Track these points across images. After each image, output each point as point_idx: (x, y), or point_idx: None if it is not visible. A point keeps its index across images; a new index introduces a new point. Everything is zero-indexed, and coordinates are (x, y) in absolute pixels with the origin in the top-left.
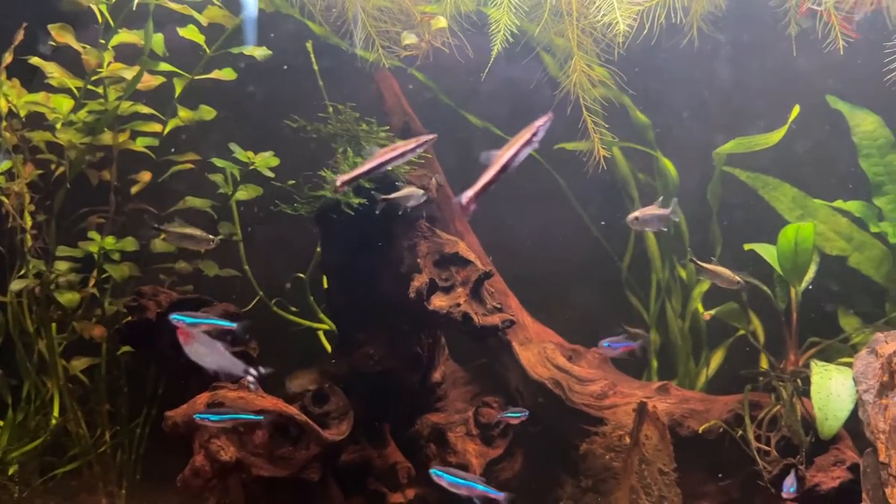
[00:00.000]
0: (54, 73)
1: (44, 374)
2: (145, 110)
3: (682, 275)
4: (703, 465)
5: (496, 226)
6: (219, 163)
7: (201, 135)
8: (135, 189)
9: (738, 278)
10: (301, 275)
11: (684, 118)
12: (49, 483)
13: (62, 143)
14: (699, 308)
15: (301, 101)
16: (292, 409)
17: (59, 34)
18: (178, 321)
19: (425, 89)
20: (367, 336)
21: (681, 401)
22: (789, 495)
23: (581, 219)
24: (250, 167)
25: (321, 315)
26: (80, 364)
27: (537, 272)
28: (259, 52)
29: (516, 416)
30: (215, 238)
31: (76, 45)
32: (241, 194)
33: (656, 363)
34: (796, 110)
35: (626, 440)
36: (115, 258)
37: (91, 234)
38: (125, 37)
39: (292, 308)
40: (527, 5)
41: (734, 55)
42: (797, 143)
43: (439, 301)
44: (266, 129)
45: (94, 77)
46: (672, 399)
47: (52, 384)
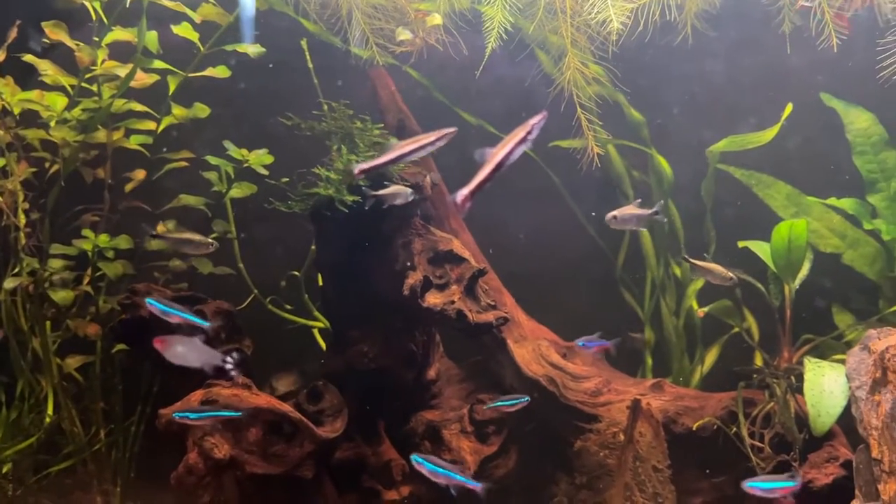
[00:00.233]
0: (48, 70)
1: (38, 372)
2: (139, 108)
3: (677, 272)
4: (698, 462)
5: (491, 223)
6: (213, 160)
7: (195, 132)
8: (129, 187)
9: (730, 275)
10: (296, 273)
11: (680, 115)
12: (43, 481)
13: (56, 141)
14: (694, 305)
15: (295, 99)
16: (286, 407)
17: (53, 32)
18: (152, 305)
19: (419, 87)
20: (361, 333)
21: (675, 398)
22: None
23: (576, 216)
24: (244, 165)
25: (316, 313)
26: (74, 362)
27: (532, 270)
28: (253, 50)
29: (512, 403)
30: (214, 242)
31: (70, 43)
32: (236, 192)
33: (651, 360)
34: (789, 108)
35: (621, 437)
36: (109, 256)
37: (85, 232)
38: (119, 34)
39: (287, 306)
40: (521, 3)
41: (729, 52)
42: (791, 140)
43: (433, 298)
44: (260, 126)
45: (88, 75)
46: (666, 396)
47: (46, 382)
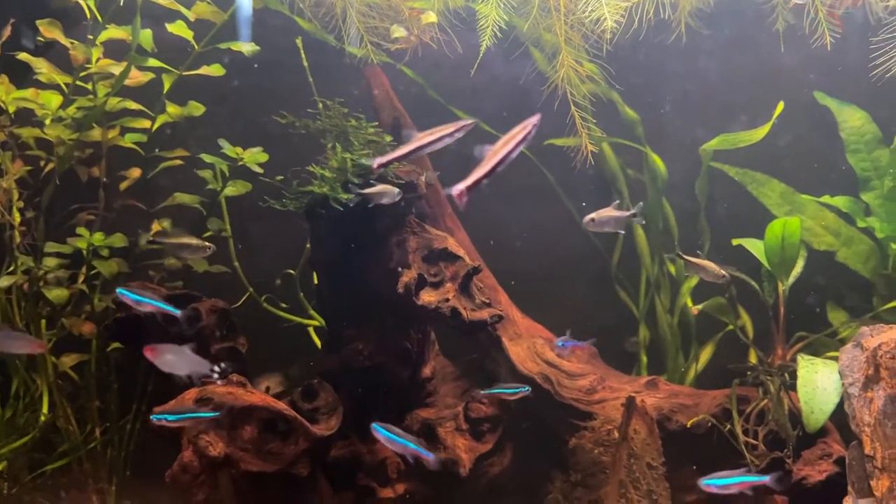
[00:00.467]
0: (43, 68)
1: (33, 371)
2: (134, 106)
3: (672, 270)
4: (692, 460)
5: (486, 222)
6: (208, 158)
7: (190, 131)
8: (124, 185)
9: (723, 272)
10: (291, 271)
11: (674, 113)
12: (38, 480)
13: (51, 140)
14: (688, 303)
15: (290, 97)
16: (281, 405)
17: (48, 30)
18: (123, 295)
19: (414, 85)
20: (356, 332)
21: (669, 395)
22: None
23: (571, 214)
24: (239, 163)
25: (311, 311)
26: (69, 360)
27: (527, 268)
28: (247, 48)
29: (513, 391)
30: (212, 245)
31: (64, 41)
32: (230, 190)
33: (645, 358)
34: (780, 107)
35: (615, 435)
36: (104, 254)
37: (80, 231)
38: (113, 32)
39: (282, 304)
40: (515, 1)
41: (723, 50)
42: (785, 138)
43: (428, 296)
44: (255, 124)
45: (83, 73)
46: (661, 394)
47: (41, 381)
